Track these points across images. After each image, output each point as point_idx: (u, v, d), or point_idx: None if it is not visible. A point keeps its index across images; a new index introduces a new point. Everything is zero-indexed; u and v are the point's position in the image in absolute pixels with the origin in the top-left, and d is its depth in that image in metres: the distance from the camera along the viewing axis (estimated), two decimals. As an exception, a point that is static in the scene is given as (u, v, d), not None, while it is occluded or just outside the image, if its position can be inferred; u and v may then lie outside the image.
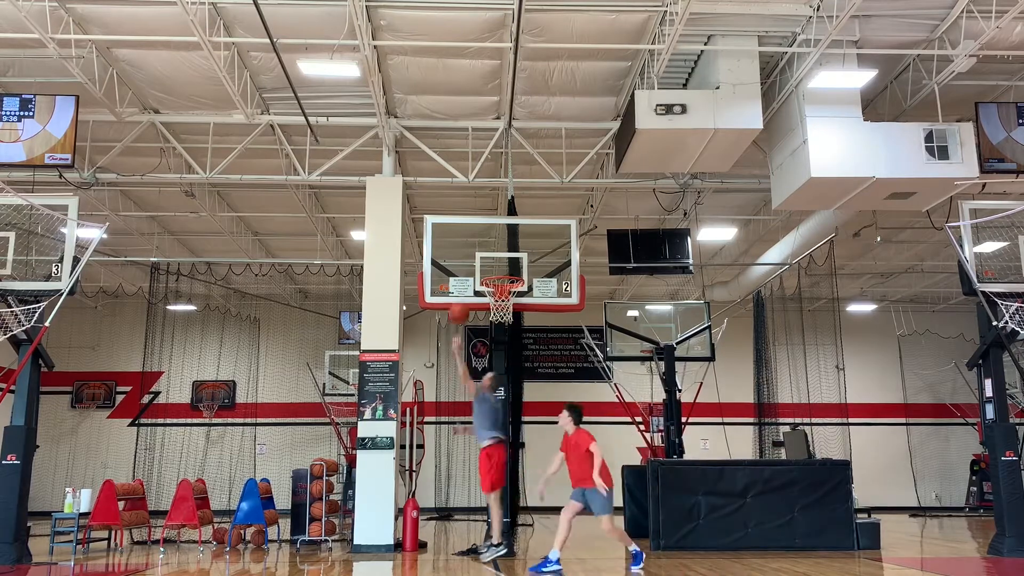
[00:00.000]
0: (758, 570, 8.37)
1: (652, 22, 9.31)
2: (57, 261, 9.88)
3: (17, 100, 10.21)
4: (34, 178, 11.25)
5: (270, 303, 19.37)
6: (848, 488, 10.59)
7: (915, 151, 9.53)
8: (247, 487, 11.14)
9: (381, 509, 10.62)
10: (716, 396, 15.23)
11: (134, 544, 11.78)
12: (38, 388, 9.93)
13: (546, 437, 20.42)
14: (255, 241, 16.79)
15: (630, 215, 14.41)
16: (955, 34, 9.25)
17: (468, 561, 9.57)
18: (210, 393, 20.59)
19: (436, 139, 12.07)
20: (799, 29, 9.26)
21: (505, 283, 10.17)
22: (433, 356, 20.70)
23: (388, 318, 11.21)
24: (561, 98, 11.08)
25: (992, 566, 8.92)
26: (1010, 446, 10.09)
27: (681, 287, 19.64)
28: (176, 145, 11.92)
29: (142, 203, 14.48)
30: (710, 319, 13.97)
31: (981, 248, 10.59)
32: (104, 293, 18.59)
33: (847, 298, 20.45)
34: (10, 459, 9.45)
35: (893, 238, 15.80)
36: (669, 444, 13.04)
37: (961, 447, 20.39)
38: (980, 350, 10.40)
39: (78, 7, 9.04)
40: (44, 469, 19.08)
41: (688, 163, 10.35)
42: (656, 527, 10.41)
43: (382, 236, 11.55)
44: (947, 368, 19.87)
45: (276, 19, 9.01)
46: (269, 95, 11.13)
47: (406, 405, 12.73)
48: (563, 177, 12.15)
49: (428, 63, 10.22)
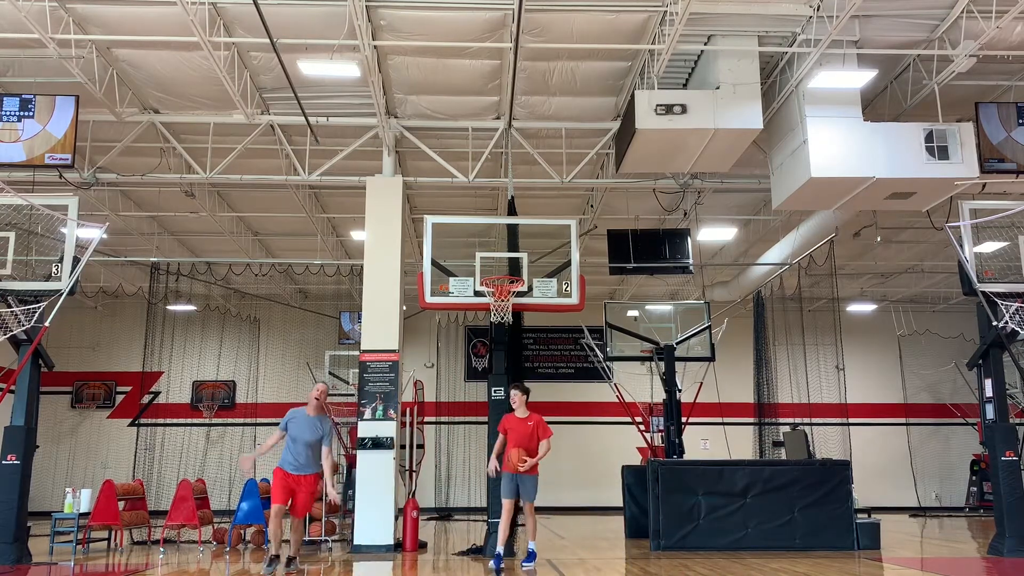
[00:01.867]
0: (758, 570, 8.37)
1: (652, 22, 9.31)
2: (57, 261, 9.87)
3: (17, 100, 10.21)
4: (34, 178, 11.26)
5: (270, 303, 19.37)
6: (848, 488, 10.59)
7: (915, 151, 9.53)
8: (247, 487, 11.14)
9: (381, 509, 10.62)
10: (716, 396, 15.23)
11: (134, 544, 11.78)
12: (38, 388, 9.92)
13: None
14: (255, 241, 16.79)
15: (630, 215, 14.42)
16: (955, 34, 9.25)
17: (468, 561, 9.57)
18: (210, 393, 20.59)
19: (436, 139, 12.07)
20: (799, 29, 9.26)
21: (505, 283, 10.16)
22: (433, 356, 20.71)
23: (388, 318, 11.21)
24: (561, 98, 11.08)
25: (992, 566, 8.92)
26: (1010, 446, 10.09)
27: (681, 287, 19.65)
28: (176, 145, 11.92)
29: (142, 203, 14.48)
30: (710, 319, 13.97)
31: (981, 248, 10.59)
32: (104, 293, 18.60)
33: (847, 298, 20.46)
34: (10, 459, 9.44)
35: (893, 238, 15.80)
36: (669, 444, 13.04)
37: (961, 447, 20.40)
38: (980, 350, 10.40)
39: (78, 7, 9.04)
40: (44, 469, 19.10)
41: (688, 163, 10.35)
42: (656, 527, 10.40)
43: (382, 236, 11.55)
44: (947, 368, 19.89)
45: (276, 19, 9.01)
46: (269, 95, 11.13)
47: (406, 405, 12.72)
48: (563, 177, 12.15)
49: (428, 63, 10.23)
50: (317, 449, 8.39)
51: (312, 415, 8.41)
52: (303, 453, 8.26)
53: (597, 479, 19.23)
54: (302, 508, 8.38)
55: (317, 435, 8.35)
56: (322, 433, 8.38)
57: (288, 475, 8.22)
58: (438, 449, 19.40)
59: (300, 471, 8.24)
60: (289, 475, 8.22)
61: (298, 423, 8.33)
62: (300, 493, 8.26)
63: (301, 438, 8.27)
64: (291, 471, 8.22)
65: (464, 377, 20.63)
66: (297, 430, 8.29)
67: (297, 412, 8.45)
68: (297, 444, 8.26)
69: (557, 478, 19.87)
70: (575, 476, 19.83)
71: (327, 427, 8.44)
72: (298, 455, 8.25)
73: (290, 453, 8.26)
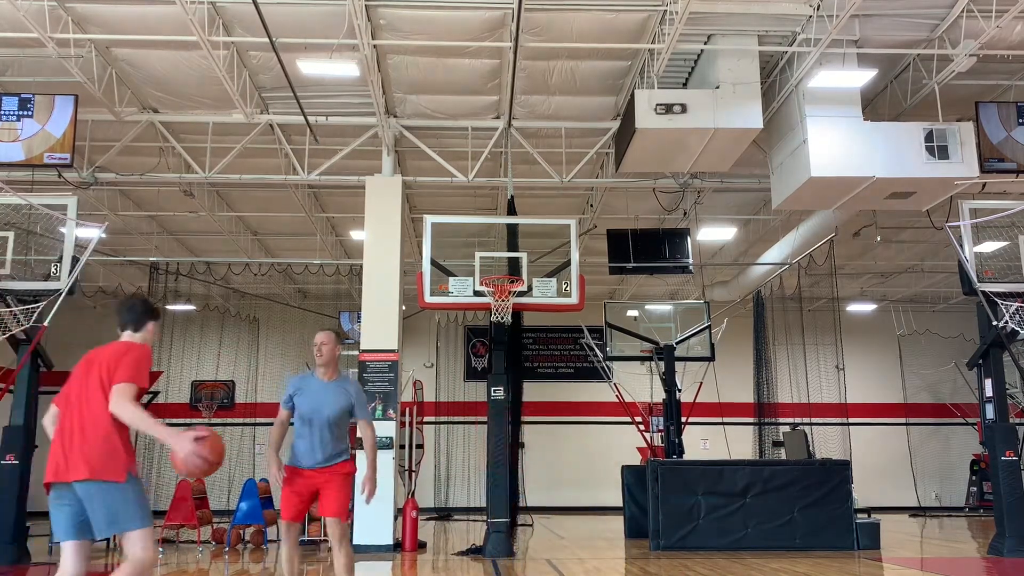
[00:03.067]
0: (758, 570, 8.36)
1: (652, 21, 9.30)
2: (56, 261, 9.87)
3: (16, 100, 10.20)
4: (33, 177, 11.24)
5: (269, 303, 19.34)
6: (848, 488, 10.58)
7: (915, 151, 9.52)
8: (246, 487, 11.13)
9: (380, 509, 10.60)
10: (716, 396, 15.20)
11: (133, 544, 11.75)
12: (37, 388, 9.92)
13: (546, 437, 20.51)
14: (254, 241, 16.78)
15: (630, 215, 14.40)
16: (955, 34, 9.24)
17: (468, 561, 9.56)
18: (209, 393, 20.56)
19: (436, 138, 12.05)
20: (799, 28, 9.25)
21: (505, 283, 10.15)
22: (433, 356, 20.68)
23: (388, 318, 11.20)
24: (561, 98, 11.07)
25: (992, 566, 8.92)
26: (1010, 446, 10.08)
27: (681, 287, 19.64)
28: (175, 145, 11.90)
29: (141, 203, 14.46)
30: (710, 319, 13.96)
31: (981, 248, 10.59)
32: (103, 293, 18.56)
33: (847, 298, 20.45)
34: (9, 459, 9.43)
35: (893, 238, 15.79)
36: (669, 444, 13.03)
37: (961, 447, 20.38)
38: (980, 350, 10.40)
39: (77, 6, 9.03)
40: (43, 469, 19.04)
41: (688, 163, 10.34)
42: (656, 527, 10.40)
43: (381, 236, 11.54)
44: (947, 368, 19.85)
45: (275, 18, 9.00)
46: (268, 94, 11.11)
47: (405, 405, 12.72)
48: (563, 177, 12.14)
49: (428, 62, 10.21)
50: (343, 427, 5.62)
51: (327, 379, 5.64)
52: (324, 438, 5.49)
53: (597, 479, 19.21)
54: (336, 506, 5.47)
55: (342, 406, 5.55)
56: (350, 401, 5.59)
57: (301, 473, 5.46)
58: (437, 449, 19.38)
59: (323, 464, 5.46)
60: (303, 472, 5.46)
61: (310, 394, 5.55)
62: (327, 489, 5.47)
63: (319, 415, 5.50)
64: (308, 466, 5.46)
65: (464, 377, 20.60)
66: (310, 404, 5.51)
67: (306, 379, 5.66)
68: (313, 426, 5.48)
69: (557, 478, 19.91)
70: (575, 476, 19.82)
71: (354, 388, 5.72)
72: (316, 443, 5.47)
73: (304, 441, 5.49)
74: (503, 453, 10.27)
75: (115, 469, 3.90)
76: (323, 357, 5.62)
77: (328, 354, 5.63)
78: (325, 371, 5.65)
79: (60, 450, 3.96)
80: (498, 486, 10.13)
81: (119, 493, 3.89)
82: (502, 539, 9.91)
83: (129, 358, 4.11)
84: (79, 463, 3.87)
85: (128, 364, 4.09)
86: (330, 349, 5.65)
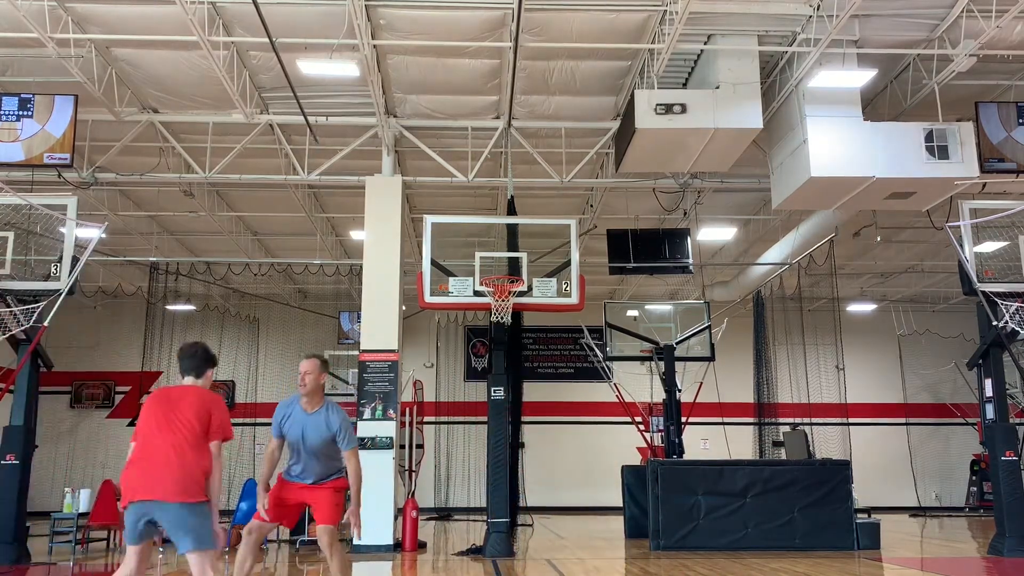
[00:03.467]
0: (758, 570, 8.36)
1: (652, 21, 9.30)
2: (56, 261, 9.86)
3: (16, 100, 10.20)
4: (33, 178, 11.24)
5: (269, 303, 19.35)
6: (848, 488, 10.58)
7: (915, 151, 9.52)
8: (246, 487, 11.14)
9: (380, 509, 10.60)
10: (716, 396, 15.20)
11: (133, 544, 11.76)
12: (37, 388, 9.91)
13: (546, 437, 20.51)
14: (254, 241, 16.78)
15: (630, 215, 14.40)
16: (955, 34, 9.24)
17: (468, 561, 9.56)
18: (209, 393, 20.54)
19: (436, 139, 12.05)
20: (799, 28, 9.25)
21: (505, 283, 10.15)
22: (433, 356, 20.68)
23: (388, 318, 11.20)
24: (561, 97, 11.07)
25: (992, 566, 8.92)
26: (1010, 446, 10.08)
27: (681, 287, 19.64)
28: (175, 145, 11.90)
29: (141, 203, 14.46)
30: (710, 319, 13.96)
31: (981, 248, 10.59)
32: (103, 293, 18.56)
33: (847, 298, 20.45)
34: (9, 459, 9.43)
35: (893, 238, 15.79)
36: (669, 444, 13.03)
37: (961, 447, 20.38)
38: (980, 350, 10.40)
39: (77, 6, 9.03)
40: (43, 469, 19.04)
41: (688, 163, 10.34)
42: (656, 527, 10.40)
43: (381, 236, 11.54)
44: (947, 368, 19.85)
45: (275, 18, 9.00)
46: (268, 94, 11.11)
47: (405, 405, 12.72)
48: (563, 177, 12.14)
49: (427, 62, 10.21)
50: (331, 454, 5.68)
51: (310, 410, 5.65)
52: (312, 463, 5.65)
53: (597, 479, 19.21)
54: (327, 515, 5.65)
55: (324, 435, 5.59)
56: (333, 430, 5.59)
57: (289, 484, 5.72)
58: (437, 449, 19.38)
59: (314, 482, 5.71)
60: (290, 484, 5.72)
61: (295, 424, 5.64)
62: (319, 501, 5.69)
63: (303, 445, 5.62)
64: (295, 480, 5.72)
65: (464, 377, 20.61)
66: (294, 435, 5.62)
67: (291, 406, 5.72)
68: (301, 453, 5.65)
69: (557, 478, 19.90)
70: (575, 476, 19.82)
71: (337, 420, 5.62)
72: (307, 466, 5.67)
73: (297, 465, 5.71)
74: (503, 453, 10.27)
75: (200, 493, 4.68)
76: (306, 387, 5.63)
77: (312, 384, 5.64)
78: (308, 401, 5.66)
79: (150, 473, 4.63)
80: (498, 486, 10.12)
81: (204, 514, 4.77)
82: (502, 539, 9.91)
83: (224, 417, 4.73)
84: (172, 486, 4.56)
85: (226, 424, 4.74)
86: (313, 379, 5.64)
